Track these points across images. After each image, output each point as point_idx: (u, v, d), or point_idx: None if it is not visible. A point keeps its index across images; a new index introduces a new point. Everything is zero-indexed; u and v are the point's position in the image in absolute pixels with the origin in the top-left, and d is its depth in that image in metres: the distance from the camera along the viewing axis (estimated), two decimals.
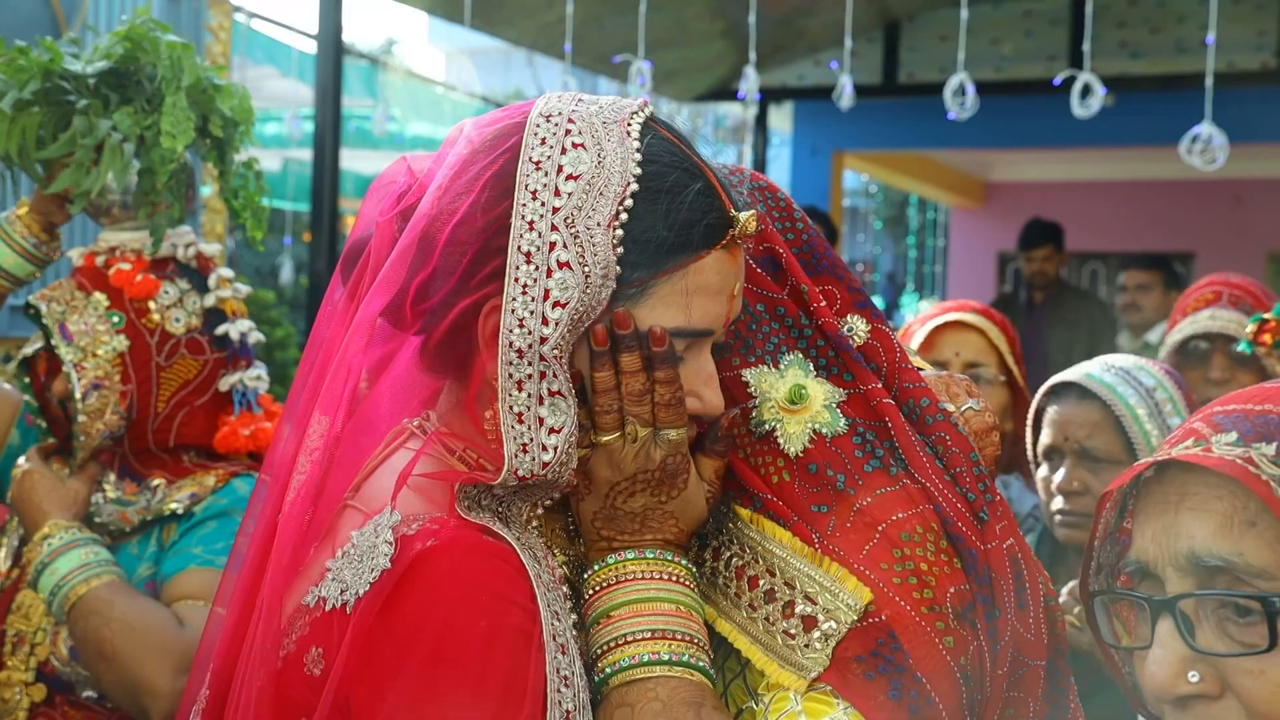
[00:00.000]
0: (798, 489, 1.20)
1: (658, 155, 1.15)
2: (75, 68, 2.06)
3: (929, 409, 1.26)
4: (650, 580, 1.17)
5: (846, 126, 8.48)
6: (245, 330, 2.18)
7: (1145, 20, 7.34)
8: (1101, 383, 2.21)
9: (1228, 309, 2.80)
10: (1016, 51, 7.52)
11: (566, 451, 1.12)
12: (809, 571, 1.17)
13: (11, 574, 2.14)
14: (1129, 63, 7.29)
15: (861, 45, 7.56)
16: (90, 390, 2.04)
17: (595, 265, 1.10)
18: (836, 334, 1.26)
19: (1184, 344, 2.88)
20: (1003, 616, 1.18)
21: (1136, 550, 1.04)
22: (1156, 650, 1.00)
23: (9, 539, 2.19)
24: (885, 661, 1.13)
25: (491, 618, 1.05)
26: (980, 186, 11.80)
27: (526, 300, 1.10)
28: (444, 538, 1.08)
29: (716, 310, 1.17)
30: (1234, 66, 6.76)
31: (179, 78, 2.06)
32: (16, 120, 2.05)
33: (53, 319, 2.05)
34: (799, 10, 6.97)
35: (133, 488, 2.14)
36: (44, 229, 2.15)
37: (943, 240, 12.94)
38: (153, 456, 2.15)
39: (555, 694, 1.06)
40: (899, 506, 1.18)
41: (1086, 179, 11.00)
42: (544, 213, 1.11)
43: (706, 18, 6.83)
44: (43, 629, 2.06)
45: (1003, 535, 1.21)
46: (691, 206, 1.14)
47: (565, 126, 1.14)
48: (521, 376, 1.11)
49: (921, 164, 10.36)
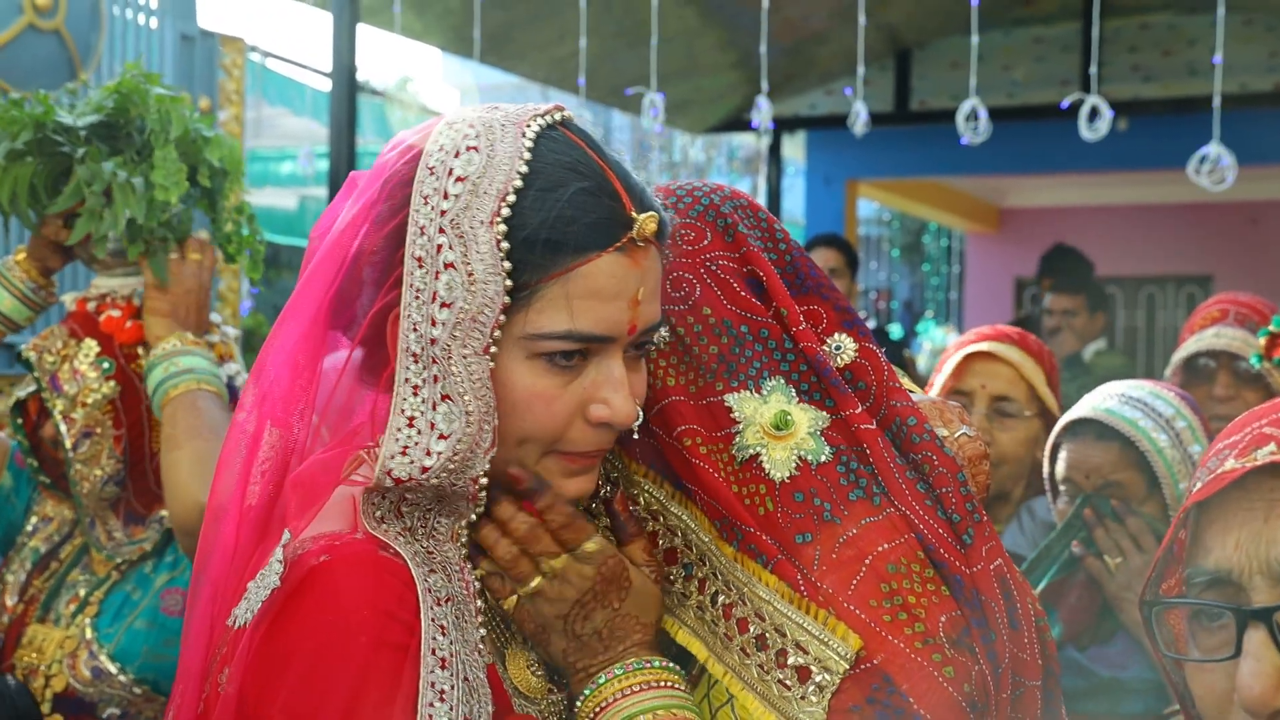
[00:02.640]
0: (781, 517, 1.19)
1: (547, 155, 1.14)
2: (66, 120, 2.10)
3: (915, 428, 1.24)
4: (635, 695, 1.17)
5: (860, 155, 8.50)
6: (233, 373, 2.21)
7: (1156, 44, 7.34)
8: (1121, 418, 2.15)
9: (1233, 327, 2.78)
10: (1028, 77, 7.52)
11: (452, 459, 1.11)
12: (797, 619, 1.16)
13: (17, 609, 2.16)
14: (1141, 86, 7.29)
15: (873, 73, 7.58)
16: (81, 439, 2.07)
17: (478, 263, 1.09)
18: (815, 357, 1.24)
19: (1189, 362, 2.86)
20: (999, 639, 1.16)
21: (1216, 560, 1.00)
22: (1251, 663, 0.95)
23: (15, 575, 2.20)
24: (882, 707, 1.11)
25: (371, 633, 1.06)
26: (995, 212, 11.78)
27: (419, 304, 1.11)
28: (337, 554, 1.09)
29: (612, 316, 1.14)
30: (1246, 88, 6.75)
31: (167, 130, 2.10)
32: (9, 170, 2.09)
33: (44, 371, 2.09)
34: (810, 39, 7.00)
35: (138, 530, 2.17)
36: (41, 273, 2.18)
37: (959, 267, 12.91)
38: (155, 497, 2.17)
39: (427, 708, 1.06)
40: (884, 537, 1.17)
41: (1102, 203, 10.98)
42: (433, 216, 1.11)
43: (718, 49, 6.87)
44: (57, 660, 2.09)
45: (989, 556, 1.20)
46: (572, 204, 1.12)
47: (464, 131, 1.14)
48: (417, 381, 1.12)
49: (936, 191, 10.36)
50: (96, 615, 2.13)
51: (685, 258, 1.26)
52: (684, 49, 6.53)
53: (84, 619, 2.13)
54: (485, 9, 5.11)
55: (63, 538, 2.24)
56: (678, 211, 1.29)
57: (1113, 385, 2.28)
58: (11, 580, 2.21)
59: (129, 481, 2.15)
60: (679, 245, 1.27)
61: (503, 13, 5.73)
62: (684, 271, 1.26)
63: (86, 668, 2.07)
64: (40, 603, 2.17)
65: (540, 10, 5.94)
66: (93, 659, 2.07)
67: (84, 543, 2.22)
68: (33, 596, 2.17)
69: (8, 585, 2.21)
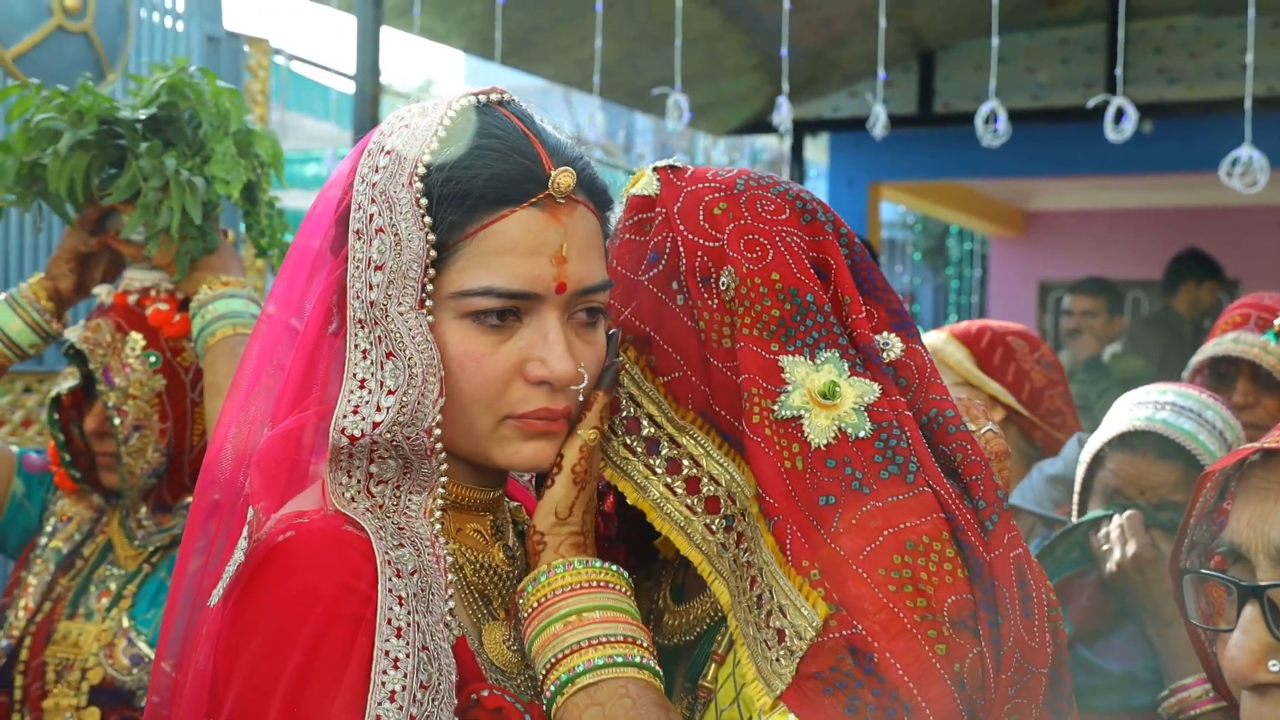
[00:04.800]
0: (808, 478, 1.21)
1: (466, 123, 1.20)
2: (125, 113, 2.13)
3: (953, 419, 1.27)
4: (577, 594, 1.21)
5: (882, 158, 8.47)
6: None
7: (1183, 46, 7.29)
8: (1186, 434, 2.09)
9: (1253, 332, 2.75)
10: (1053, 79, 7.48)
11: (401, 411, 1.16)
12: (782, 583, 1.19)
13: (44, 608, 2.17)
14: (1167, 88, 7.24)
15: (896, 76, 7.56)
16: (132, 432, 2.09)
17: (401, 222, 1.16)
18: (869, 344, 1.28)
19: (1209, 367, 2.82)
20: (1006, 624, 1.18)
21: (1231, 532, 1.04)
22: (1238, 635, 1.00)
23: (38, 576, 2.22)
24: (844, 677, 1.13)
25: (327, 604, 1.11)
26: (1019, 215, 11.72)
27: (358, 272, 1.18)
28: (301, 530, 1.14)
29: (531, 272, 1.18)
30: (1274, 90, 6.69)
31: (226, 125, 2.12)
32: (68, 161, 2.10)
33: (97, 363, 2.10)
34: (833, 42, 6.98)
35: (166, 519, 2.20)
36: (51, 296, 2.19)
37: (982, 270, 12.86)
38: (185, 488, 2.20)
39: (380, 675, 1.10)
40: (909, 515, 1.19)
41: (1127, 207, 10.90)
42: (366, 189, 1.19)
43: (740, 51, 6.86)
44: (94, 654, 2.12)
45: (1009, 545, 1.22)
46: (479, 163, 1.18)
47: (402, 115, 1.22)
48: (365, 345, 1.18)
49: (959, 194, 10.31)
50: (131, 606, 2.16)
51: (763, 223, 1.31)
52: (706, 51, 6.53)
53: (118, 612, 2.15)
54: (507, 12, 5.12)
55: (84, 536, 2.26)
56: (759, 186, 1.34)
57: (1154, 391, 2.21)
58: (34, 582, 2.23)
59: (166, 474, 2.17)
60: (757, 212, 1.32)
61: (525, 15, 5.74)
62: (759, 236, 1.30)
63: (125, 655, 2.10)
64: (68, 600, 2.19)
65: (562, 13, 5.94)
66: (131, 646, 2.10)
67: (107, 540, 2.24)
68: (59, 595, 2.19)
69: (29, 587, 2.23)
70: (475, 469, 1.27)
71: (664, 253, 1.31)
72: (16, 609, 2.21)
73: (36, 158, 2.10)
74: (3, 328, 2.16)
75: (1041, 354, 2.70)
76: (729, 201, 1.32)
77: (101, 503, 2.27)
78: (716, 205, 1.31)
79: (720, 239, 1.29)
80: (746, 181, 1.35)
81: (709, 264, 1.29)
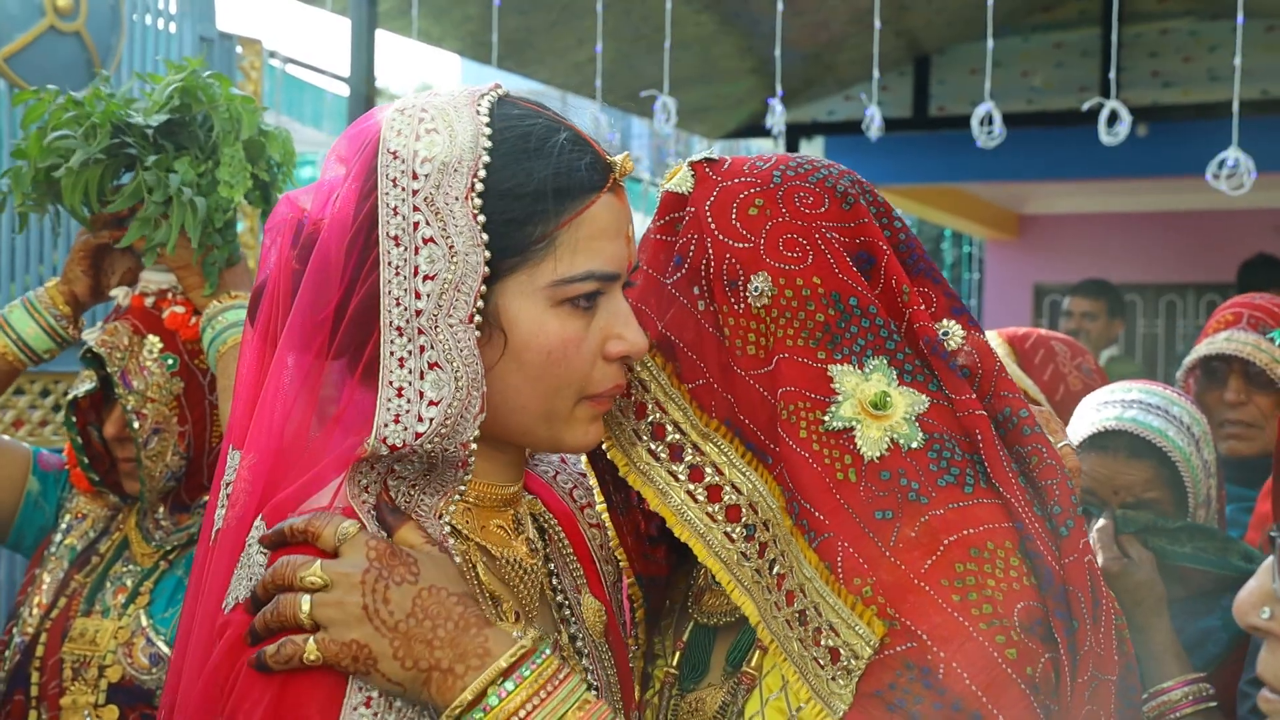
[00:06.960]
0: (863, 492, 1.18)
1: (512, 120, 1.20)
2: (136, 120, 2.11)
3: (1027, 420, 1.24)
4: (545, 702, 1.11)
5: (878, 161, 8.47)
6: None
7: (1177, 50, 7.30)
8: (1152, 429, 2.08)
9: (1245, 331, 2.76)
10: (1047, 83, 7.49)
11: (444, 423, 1.15)
12: (831, 601, 1.16)
13: (59, 604, 2.18)
14: (1161, 92, 7.25)
15: (891, 79, 7.57)
16: (151, 435, 2.10)
17: (457, 237, 1.15)
18: (934, 339, 1.24)
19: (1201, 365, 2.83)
20: (1081, 628, 1.15)
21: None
22: (1252, 580, 1.02)
23: (52, 573, 2.23)
24: (903, 693, 1.11)
25: None
26: (1014, 219, 11.73)
27: (400, 280, 1.16)
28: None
29: (619, 253, 1.22)
30: (1268, 94, 6.70)
31: (238, 130, 2.12)
32: (81, 174, 2.09)
33: (115, 366, 2.10)
34: (828, 45, 6.99)
35: (184, 518, 2.20)
36: (67, 300, 2.18)
37: (978, 274, 12.87)
38: (202, 488, 2.20)
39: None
40: (971, 522, 1.16)
41: (1123, 210, 10.91)
42: (405, 196, 1.16)
43: (735, 55, 6.87)
44: (111, 651, 2.12)
45: (1083, 551, 1.19)
46: (565, 152, 1.19)
47: (419, 116, 1.19)
48: (402, 354, 1.16)
49: (955, 197, 10.32)
50: (149, 604, 2.16)
51: (801, 220, 1.27)
52: (701, 54, 6.53)
53: (136, 609, 2.15)
54: (503, 15, 5.12)
55: (99, 533, 2.26)
56: (796, 175, 1.31)
57: (1118, 390, 2.22)
58: (49, 580, 2.23)
59: (184, 475, 2.17)
60: (795, 207, 1.28)
61: (521, 18, 5.74)
62: (798, 235, 1.27)
63: (144, 655, 2.10)
64: (84, 597, 2.19)
65: (558, 16, 5.95)
66: (150, 645, 2.10)
67: (123, 537, 2.24)
68: (75, 591, 2.19)
69: (43, 584, 2.23)
70: (500, 465, 1.26)
71: (688, 255, 1.28)
72: (31, 605, 2.21)
73: (52, 164, 2.09)
74: (19, 332, 2.15)
75: (1083, 361, 2.74)
76: (765, 198, 1.28)
77: (117, 500, 2.27)
78: (752, 204, 1.28)
79: (754, 241, 1.26)
80: (784, 172, 1.30)
81: (738, 267, 1.26)
